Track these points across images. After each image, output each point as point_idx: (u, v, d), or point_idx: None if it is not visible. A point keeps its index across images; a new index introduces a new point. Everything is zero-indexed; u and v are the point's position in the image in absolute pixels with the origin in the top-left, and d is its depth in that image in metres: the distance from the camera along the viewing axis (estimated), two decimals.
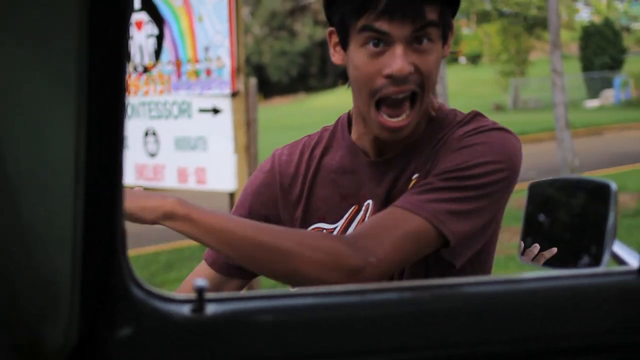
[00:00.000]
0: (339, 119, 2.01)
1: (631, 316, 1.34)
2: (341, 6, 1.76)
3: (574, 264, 1.47)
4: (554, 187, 1.60)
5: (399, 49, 1.70)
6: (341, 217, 1.90)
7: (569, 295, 1.35)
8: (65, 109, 1.04)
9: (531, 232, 1.56)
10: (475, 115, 1.88)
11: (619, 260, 1.89)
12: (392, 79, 1.72)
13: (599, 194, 1.46)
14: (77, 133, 1.05)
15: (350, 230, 1.88)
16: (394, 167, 1.87)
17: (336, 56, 1.86)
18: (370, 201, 1.87)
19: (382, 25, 1.69)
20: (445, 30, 1.79)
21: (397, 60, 1.69)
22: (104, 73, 1.06)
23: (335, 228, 1.90)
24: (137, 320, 1.19)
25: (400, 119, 1.76)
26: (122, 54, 1.08)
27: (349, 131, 1.96)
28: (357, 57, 1.75)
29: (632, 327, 1.35)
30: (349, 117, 1.98)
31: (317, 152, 1.98)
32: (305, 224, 1.95)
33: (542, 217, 1.57)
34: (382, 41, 1.71)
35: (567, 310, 1.33)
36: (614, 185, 1.42)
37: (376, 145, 1.89)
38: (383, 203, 1.84)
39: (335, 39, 1.85)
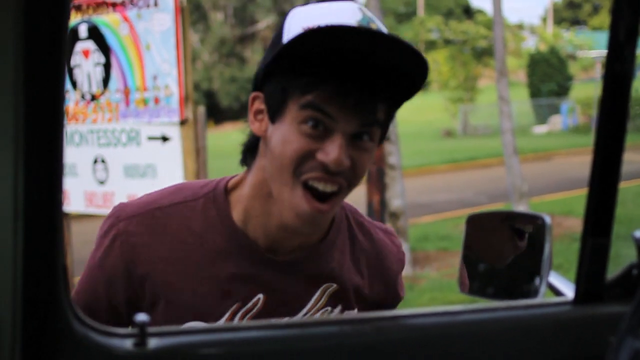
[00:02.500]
0: (205, 195, 1.74)
1: (567, 346, 1.37)
2: (286, 77, 1.58)
3: (511, 296, 1.50)
4: (490, 220, 1.63)
5: (340, 140, 1.55)
6: (222, 316, 1.67)
7: (506, 326, 1.37)
8: (1, 145, 1.04)
9: (470, 263, 1.59)
10: (357, 211, 1.88)
11: (555, 291, 1.93)
12: (326, 168, 1.55)
13: (534, 226, 1.49)
14: (15, 169, 1.06)
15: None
16: (291, 266, 1.71)
17: (256, 125, 1.65)
18: (261, 295, 1.68)
19: (332, 110, 1.54)
20: (385, 130, 1.65)
21: (337, 151, 1.54)
22: (41, 106, 1.07)
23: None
24: (79, 355, 1.19)
25: (325, 204, 1.58)
26: (59, 89, 1.09)
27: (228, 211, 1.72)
28: (289, 132, 1.57)
29: (568, 357, 1.38)
30: (224, 191, 1.74)
31: (185, 233, 1.70)
32: (169, 321, 1.65)
33: (479, 249, 1.60)
34: (324, 125, 1.55)
35: (504, 341, 1.36)
36: (547, 218, 1.46)
37: (272, 238, 1.69)
38: (279, 301, 1.69)
39: (259, 105, 1.66)
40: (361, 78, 1.53)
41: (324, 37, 1.49)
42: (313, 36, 1.49)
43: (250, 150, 1.71)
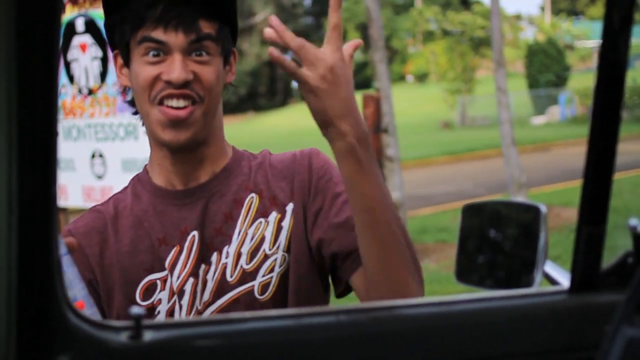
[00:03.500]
0: (132, 178, 1.98)
1: (563, 335, 1.38)
2: (121, 23, 1.80)
3: (507, 285, 1.50)
4: (486, 209, 1.63)
5: (177, 57, 1.75)
6: (165, 261, 1.84)
7: (502, 315, 1.38)
8: None
9: (465, 253, 1.59)
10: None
11: (551, 280, 1.93)
12: (172, 85, 1.75)
13: (530, 216, 1.49)
14: (8, 162, 1.06)
15: (176, 271, 1.83)
16: (205, 191, 1.87)
17: (122, 78, 1.88)
18: (194, 233, 1.85)
19: (159, 35, 1.76)
20: (226, 48, 1.84)
21: (175, 66, 1.75)
22: (35, 99, 1.07)
23: (167, 275, 1.84)
24: (74, 348, 1.19)
25: (182, 110, 1.77)
26: (53, 81, 1.09)
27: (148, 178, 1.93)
28: (137, 67, 1.79)
29: (564, 346, 1.38)
30: (145, 168, 1.96)
31: (122, 211, 1.92)
32: (134, 279, 1.85)
33: (475, 239, 1.60)
34: (161, 51, 1.76)
35: (500, 331, 1.36)
36: (543, 208, 1.45)
37: (179, 174, 1.88)
38: (210, 228, 1.85)
39: (120, 61, 1.87)
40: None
41: None
42: None
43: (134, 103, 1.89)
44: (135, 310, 1.21)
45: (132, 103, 1.90)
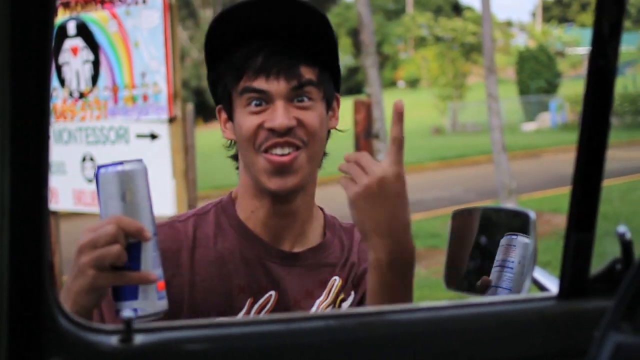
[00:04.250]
0: (214, 204, 1.91)
1: (551, 341, 1.38)
2: (223, 76, 1.81)
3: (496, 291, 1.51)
4: (476, 215, 1.64)
5: (279, 105, 1.75)
6: (240, 310, 1.79)
7: (491, 321, 1.38)
8: None
9: (455, 258, 1.60)
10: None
11: (540, 287, 1.94)
12: (275, 133, 1.74)
13: (519, 222, 1.50)
14: (0, 165, 1.06)
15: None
16: (296, 260, 1.85)
17: (227, 132, 1.88)
18: (273, 292, 1.81)
19: (260, 84, 1.75)
20: (327, 93, 1.83)
21: (278, 113, 1.74)
22: (27, 103, 1.07)
23: None
24: (65, 352, 1.19)
25: (287, 156, 1.75)
26: (45, 84, 1.09)
27: (234, 210, 1.89)
28: (240, 118, 1.79)
29: (552, 351, 1.38)
30: (231, 199, 1.91)
31: (204, 235, 1.85)
32: (202, 317, 1.77)
33: (464, 245, 1.61)
34: (263, 100, 1.76)
35: (489, 336, 1.36)
36: (532, 214, 1.46)
37: (270, 227, 1.84)
38: (290, 298, 1.82)
39: (224, 115, 1.88)
40: (270, 46, 1.77)
41: (226, 20, 1.77)
42: (218, 25, 1.78)
43: (237, 157, 1.90)
44: (126, 313, 1.22)
45: (235, 157, 1.90)
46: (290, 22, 1.75)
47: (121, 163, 1.43)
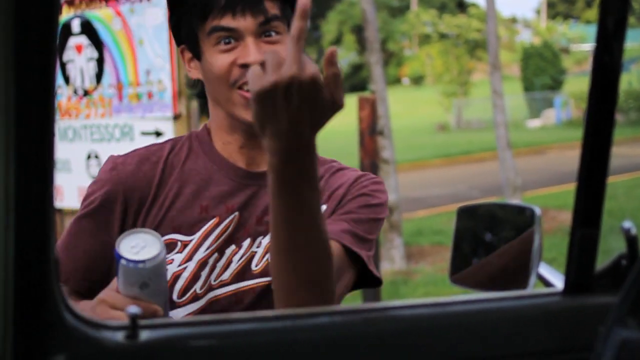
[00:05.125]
0: (189, 133, 1.98)
1: (556, 337, 1.38)
2: (186, 17, 1.84)
3: (502, 287, 1.51)
4: (481, 212, 1.64)
5: (249, 41, 1.78)
6: (199, 230, 1.84)
7: (496, 317, 1.38)
8: None
9: (460, 255, 1.60)
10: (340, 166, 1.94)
11: (545, 282, 1.94)
12: (248, 68, 1.70)
13: (524, 218, 1.50)
14: (6, 163, 1.06)
15: (207, 242, 1.83)
16: (262, 179, 1.83)
17: (192, 71, 1.90)
18: (237, 212, 1.85)
19: (228, 22, 1.78)
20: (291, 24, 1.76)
21: (250, 49, 1.77)
22: (32, 100, 1.07)
23: (191, 240, 1.83)
24: (70, 348, 1.19)
25: None
26: (50, 82, 1.09)
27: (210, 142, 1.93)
28: (211, 57, 1.81)
29: (558, 347, 1.38)
30: (206, 129, 1.95)
31: (175, 160, 1.92)
32: (159, 231, 1.78)
33: (470, 241, 1.61)
34: (232, 38, 1.79)
35: (494, 332, 1.36)
36: (537, 210, 1.46)
37: (244, 154, 1.89)
38: (255, 215, 1.85)
39: (188, 55, 1.90)
40: None
41: None
42: None
43: (203, 96, 1.93)
44: (131, 309, 1.22)
45: (200, 95, 1.94)
46: None
47: (143, 261, 1.52)
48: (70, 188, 6.34)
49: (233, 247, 1.84)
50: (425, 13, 44.99)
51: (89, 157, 6.20)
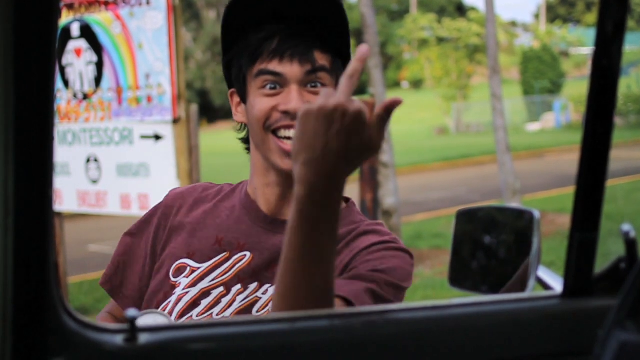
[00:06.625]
0: (231, 184, 2.03)
1: (555, 340, 1.38)
2: (237, 59, 1.85)
3: (501, 290, 1.51)
4: (480, 215, 1.64)
5: (293, 88, 1.78)
6: (209, 260, 1.87)
7: (495, 320, 1.38)
8: None
9: (459, 258, 1.60)
10: (378, 224, 1.87)
11: (545, 286, 1.94)
12: (289, 115, 1.77)
13: (523, 221, 1.50)
14: (5, 166, 1.06)
15: (213, 274, 1.84)
16: (283, 228, 1.69)
17: (238, 115, 1.92)
18: (248, 253, 1.85)
19: (275, 66, 1.79)
20: (339, 81, 1.58)
21: (293, 96, 1.77)
22: (32, 104, 1.08)
23: (199, 268, 1.86)
24: (69, 351, 1.20)
25: None
26: (49, 86, 1.09)
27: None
28: (254, 99, 1.82)
29: (557, 350, 1.39)
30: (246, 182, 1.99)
31: (212, 196, 1.99)
32: (170, 256, 1.90)
33: (469, 244, 1.61)
34: (278, 83, 1.79)
35: (493, 335, 1.37)
36: (536, 213, 1.46)
37: (271, 201, 1.87)
38: (266, 260, 1.82)
39: (236, 99, 1.92)
40: (285, 29, 1.80)
41: (242, 3, 1.82)
42: (234, 8, 1.83)
43: (247, 140, 1.94)
44: (130, 313, 1.22)
45: (245, 141, 1.95)
46: (305, 7, 1.79)
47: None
48: (70, 192, 6.34)
49: (239, 286, 1.83)
50: (423, 18, 45.03)
51: (88, 160, 6.20)
